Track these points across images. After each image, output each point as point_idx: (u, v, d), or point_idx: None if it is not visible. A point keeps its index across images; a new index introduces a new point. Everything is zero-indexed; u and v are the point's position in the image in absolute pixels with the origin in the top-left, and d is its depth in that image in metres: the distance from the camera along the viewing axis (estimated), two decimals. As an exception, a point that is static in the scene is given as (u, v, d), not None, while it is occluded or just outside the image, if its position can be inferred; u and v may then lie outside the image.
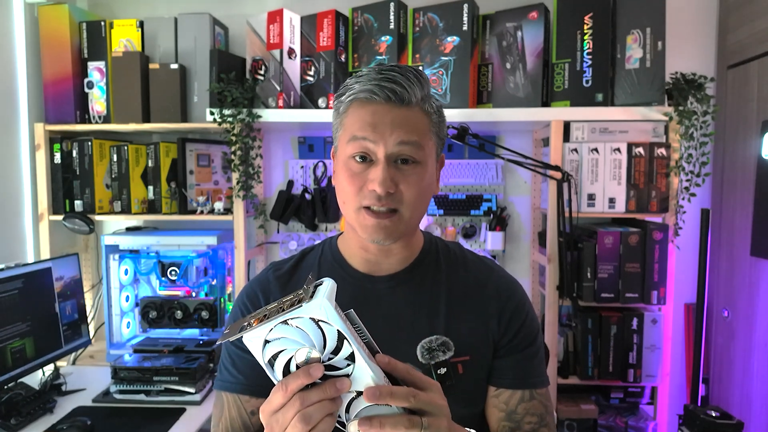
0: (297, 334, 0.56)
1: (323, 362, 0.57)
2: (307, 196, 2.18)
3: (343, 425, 0.60)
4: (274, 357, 0.57)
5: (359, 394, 0.58)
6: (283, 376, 0.57)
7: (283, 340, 0.56)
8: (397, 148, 0.78)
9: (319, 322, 0.55)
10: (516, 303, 0.90)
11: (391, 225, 0.80)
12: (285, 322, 0.55)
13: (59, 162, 2.06)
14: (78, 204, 2.06)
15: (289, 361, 0.57)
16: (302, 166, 2.22)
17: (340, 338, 0.56)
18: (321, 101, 1.96)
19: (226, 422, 0.87)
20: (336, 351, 0.56)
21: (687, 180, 1.83)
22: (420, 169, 0.80)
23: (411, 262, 0.90)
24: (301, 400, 0.56)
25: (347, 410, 0.59)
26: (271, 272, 0.94)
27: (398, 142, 0.78)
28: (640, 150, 1.84)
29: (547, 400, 0.88)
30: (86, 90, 2.06)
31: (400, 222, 0.80)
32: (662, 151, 1.84)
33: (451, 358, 0.85)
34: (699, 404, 1.82)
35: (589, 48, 1.85)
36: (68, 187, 2.07)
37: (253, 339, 0.57)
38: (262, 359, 0.57)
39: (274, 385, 0.58)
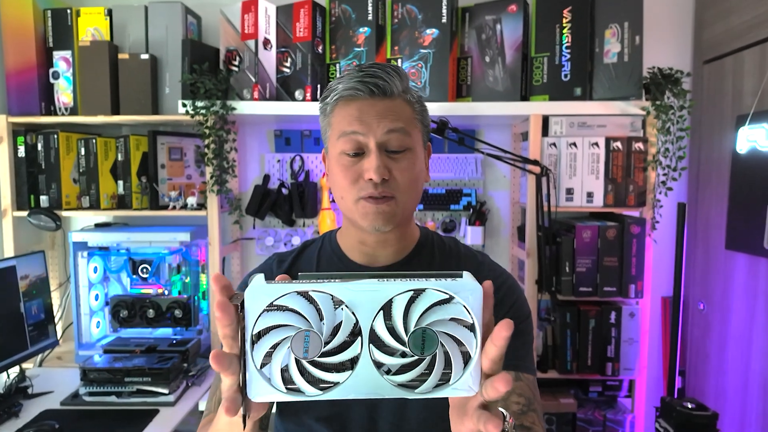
0: (309, 311, 0.52)
1: (324, 346, 0.53)
2: (284, 190, 2.17)
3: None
4: (265, 332, 0.53)
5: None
6: (262, 359, 0.53)
7: (287, 314, 0.52)
8: (386, 137, 0.83)
9: (343, 306, 0.52)
10: (505, 291, 0.93)
11: (389, 210, 0.83)
12: (306, 295, 0.52)
13: (23, 156, 2.01)
14: (44, 199, 2.03)
15: (277, 345, 0.53)
16: (279, 160, 2.21)
17: (355, 331, 0.53)
18: (298, 93, 1.95)
19: (221, 394, 0.87)
20: (333, 334, 0.53)
21: (664, 174, 1.87)
22: (410, 155, 0.85)
23: (407, 254, 0.93)
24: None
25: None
26: (275, 263, 0.97)
27: (386, 131, 0.82)
28: (618, 144, 1.88)
29: (534, 388, 0.90)
30: (51, 80, 2.02)
31: (397, 207, 0.84)
32: (640, 145, 1.88)
33: None
34: (675, 396, 1.88)
35: (567, 42, 1.88)
36: (33, 181, 2.03)
37: (260, 295, 0.52)
38: (250, 331, 0.52)
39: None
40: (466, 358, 0.54)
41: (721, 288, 1.97)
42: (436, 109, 1.86)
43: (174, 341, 1.93)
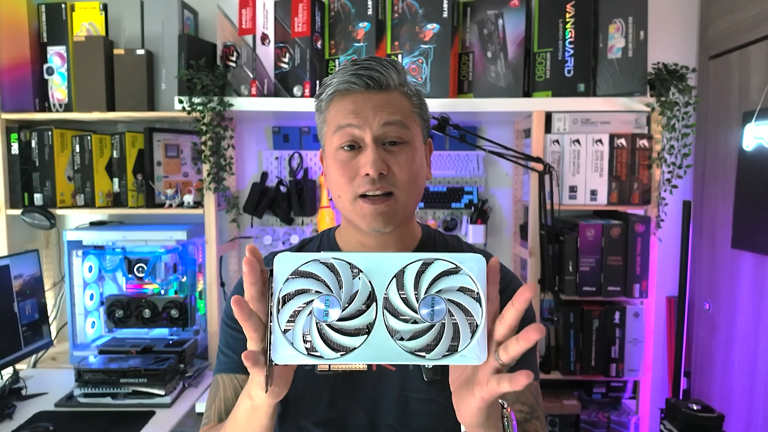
0: (330, 278, 0.58)
1: (342, 312, 0.58)
2: (282, 188, 2.16)
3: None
4: (290, 297, 0.58)
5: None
6: (285, 324, 0.58)
7: (310, 281, 0.58)
8: (383, 129, 0.81)
9: (360, 274, 0.58)
10: (510, 293, 0.90)
11: (388, 209, 0.81)
12: (326, 263, 0.58)
13: (17, 153, 2.00)
14: (38, 197, 2.02)
15: (299, 312, 0.58)
16: (277, 157, 2.20)
17: (371, 298, 0.58)
18: (296, 89, 1.94)
19: (220, 403, 0.87)
20: (351, 301, 0.58)
21: (669, 172, 1.86)
22: (409, 149, 0.83)
23: None
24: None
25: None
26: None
27: (383, 123, 0.81)
28: (622, 141, 1.88)
29: (538, 394, 0.89)
30: (46, 76, 2.01)
31: (397, 205, 0.82)
32: (644, 142, 1.87)
33: None
34: (681, 398, 1.87)
35: (571, 37, 1.87)
36: (27, 179, 2.02)
37: (287, 261, 0.58)
38: (277, 294, 0.58)
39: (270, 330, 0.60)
40: (473, 328, 0.58)
41: (727, 287, 1.96)
42: (437, 105, 1.85)
43: (170, 342, 1.92)
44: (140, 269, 2.05)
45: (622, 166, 1.88)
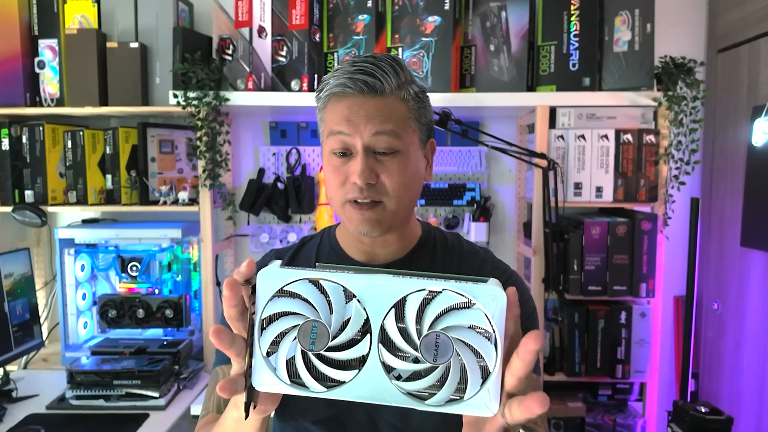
0: (319, 301, 0.52)
1: (331, 341, 0.53)
2: (280, 185, 2.16)
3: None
4: (274, 318, 0.53)
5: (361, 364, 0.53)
6: (268, 347, 0.54)
7: (297, 301, 0.53)
8: (373, 139, 0.81)
9: (354, 300, 0.52)
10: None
11: (375, 216, 0.83)
12: (316, 283, 0.53)
13: (7, 149, 2.00)
14: (29, 194, 2.01)
15: (285, 334, 0.53)
16: (274, 153, 2.20)
17: (366, 328, 0.52)
18: (294, 83, 1.93)
19: (218, 395, 0.86)
20: (342, 329, 0.53)
21: (676, 168, 1.86)
22: (401, 158, 0.83)
23: (407, 253, 0.92)
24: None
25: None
26: (273, 259, 0.95)
27: (373, 133, 0.81)
28: (629, 137, 1.87)
29: (539, 389, 0.88)
30: (37, 70, 2.00)
31: (385, 212, 0.83)
32: (651, 138, 1.87)
33: None
34: (688, 400, 1.86)
35: (576, 30, 1.87)
36: (18, 175, 2.01)
37: (271, 278, 0.53)
38: (259, 315, 0.53)
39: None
40: (485, 372, 0.51)
41: (736, 287, 1.95)
42: (438, 100, 1.85)
43: (165, 342, 1.92)
44: (134, 268, 2.05)
45: (628, 162, 1.87)
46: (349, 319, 0.52)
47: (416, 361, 0.52)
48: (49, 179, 2.01)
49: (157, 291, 2.06)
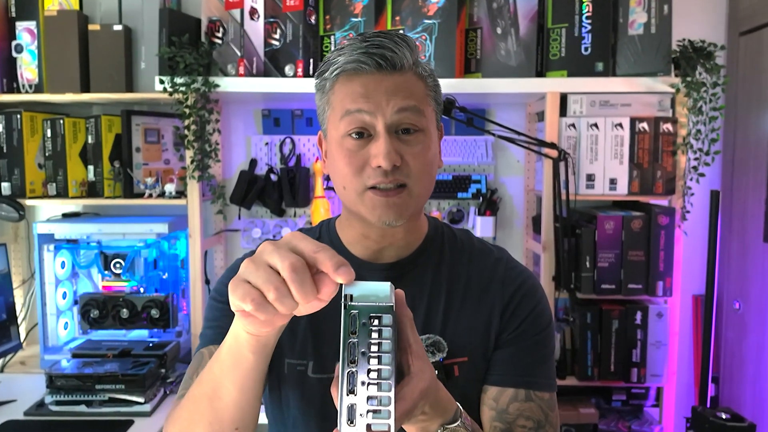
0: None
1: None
2: (273, 177, 2.16)
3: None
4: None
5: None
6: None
7: None
8: (397, 116, 0.80)
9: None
10: (524, 293, 0.91)
11: (401, 202, 0.81)
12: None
13: (-18, 138, 1.99)
14: (5, 186, 2.01)
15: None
16: (267, 143, 2.19)
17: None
18: (288, 68, 1.93)
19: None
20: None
21: (695, 159, 1.86)
22: (424, 138, 0.82)
23: (414, 251, 0.91)
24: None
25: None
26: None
27: (397, 110, 0.79)
28: (644, 125, 1.86)
29: (549, 408, 0.87)
30: (14, 54, 2.00)
31: (410, 198, 0.82)
32: (668, 126, 1.86)
33: (445, 359, 0.87)
34: (708, 406, 1.86)
35: (588, 11, 1.86)
36: (-7, 167, 2.01)
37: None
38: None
39: None
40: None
41: (759, 285, 1.95)
42: (441, 86, 1.82)
43: (150, 344, 1.92)
44: (117, 265, 2.05)
45: (644, 153, 1.87)
46: None
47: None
48: (27, 170, 2.00)
49: (142, 290, 2.06)
